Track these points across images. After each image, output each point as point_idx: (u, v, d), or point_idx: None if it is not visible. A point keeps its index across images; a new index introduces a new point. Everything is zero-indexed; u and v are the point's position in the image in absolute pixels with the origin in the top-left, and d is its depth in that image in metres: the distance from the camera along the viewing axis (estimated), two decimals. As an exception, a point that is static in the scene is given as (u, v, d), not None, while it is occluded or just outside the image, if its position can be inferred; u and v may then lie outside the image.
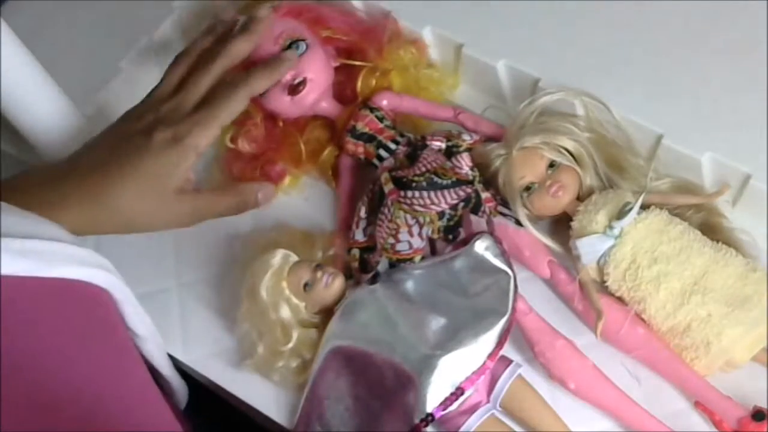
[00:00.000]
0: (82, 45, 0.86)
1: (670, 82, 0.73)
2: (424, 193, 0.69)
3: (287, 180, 0.80)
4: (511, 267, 0.69)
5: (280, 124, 0.79)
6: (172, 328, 0.76)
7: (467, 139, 0.74)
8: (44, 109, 0.75)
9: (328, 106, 0.77)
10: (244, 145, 0.78)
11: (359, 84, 0.78)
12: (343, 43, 0.79)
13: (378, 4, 0.81)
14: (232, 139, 0.79)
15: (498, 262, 0.69)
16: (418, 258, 0.70)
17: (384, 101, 0.77)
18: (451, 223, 0.70)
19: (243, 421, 0.78)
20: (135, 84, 0.85)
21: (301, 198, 0.81)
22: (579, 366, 0.67)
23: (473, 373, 0.65)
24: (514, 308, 0.67)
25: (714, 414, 0.64)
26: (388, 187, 0.70)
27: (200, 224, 0.80)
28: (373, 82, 0.78)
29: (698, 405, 0.65)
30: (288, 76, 0.74)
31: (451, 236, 0.70)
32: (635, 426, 0.66)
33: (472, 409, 0.66)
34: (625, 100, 0.72)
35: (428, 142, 0.73)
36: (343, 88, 0.79)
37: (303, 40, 0.75)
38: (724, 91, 0.72)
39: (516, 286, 0.68)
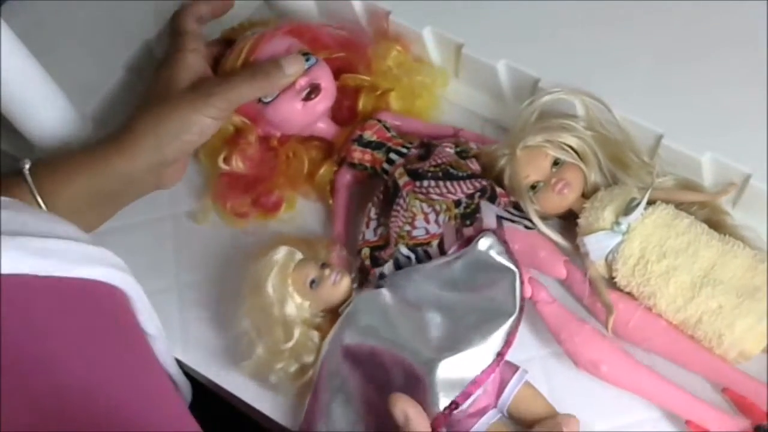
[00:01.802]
0: (82, 45, 0.86)
1: (670, 82, 0.73)
2: (440, 183, 0.69)
3: (283, 208, 0.79)
4: (516, 264, 0.68)
5: (275, 143, 0.78)
6: (172, 328, 0.76)
7: (474, 147, 0.74)
8: (44, 109, 0.75)
9: (325, 127, 0.77)
10: (238, 164, 0.77)
11: (361, 103, 0.78)
12: (338, 61, 0.79)
13: (378, 4, 0.81)
14: (225, 159, 0.77)
15: (502, 260, 0.68)
16: (435, 242, 0.70)
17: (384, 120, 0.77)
18: (468, 210, 0.70)
19: (244, 421, 0.78)
20: (135, 84, 0.85)
21: (298, 222, 0.79)
22: (610, 348, 0.66)
23: (483, 372, 0.64)
24: (521, 306, 0.66)
25: (745, 398, 0.64)
26: (403, 180, 0.70)
27: (200, 227, 0.80)
28: (372, 102, 0.78)
29: (726, 392, 0.65)
30: (302, 82, 0.73)
31: (468, 221, 0.70)
32: (672, 405, 0.65)
33: (482, 412, 0.66)
34: (625, 100, 0.72)
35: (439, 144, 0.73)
36: (338, 107, 0.79)
37: (311, 54, 0.75)
38: (724, 91, 0.72)
39: (522, 283, 0.67)
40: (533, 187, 0.72)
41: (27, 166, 0.67)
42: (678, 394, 0.65)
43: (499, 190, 0.72)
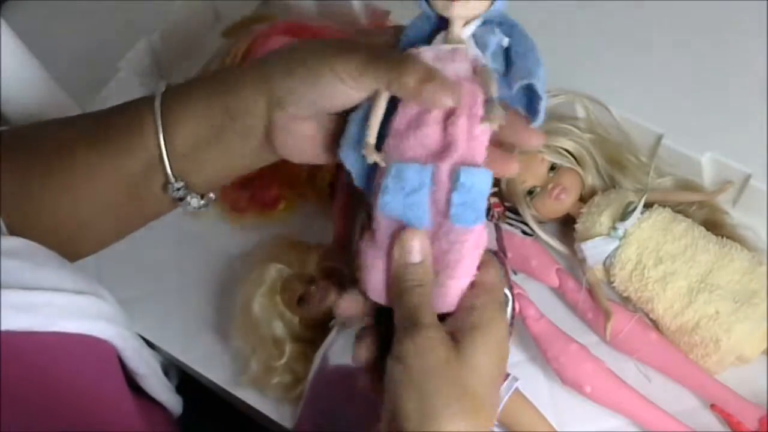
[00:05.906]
0: (82, 45, 0.86)
1: (670, 82, 0.73)
2: None
3: (282, 205, 0.78)
4: (511, 290, 0.68)
5: None
6: (172, 329, 0.76)
7: None
8: (44, 109, 0.75)
9: None
10: None
11: None
12: None
13: (378, 4, 0.81)
14: None
15: None
16: None
17: None
18: None
19: (244, 421, 0.78)
20: (134, 84, 0.85)
21: (298, 223, 0.79)
22: (594, 369, 0.66)
23: None
24: (509, 333, 0.66)
25: (732, 416, 0.64)
26: None
27: (202, 228, 0.80)
28: None
29: (714, 408, 0.65)
30: None
31: None
32: (653, 427, 0.65)
33: None
34: (625, 100, 0.72)
35: None
36: None
37: None
38: (724, 91, 0.72)
39: (514, 310, 0.67)
40: (530, 192, 0.72)
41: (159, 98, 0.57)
42: (660, 417, 0.65)
43: (493, 200, 0.71)
